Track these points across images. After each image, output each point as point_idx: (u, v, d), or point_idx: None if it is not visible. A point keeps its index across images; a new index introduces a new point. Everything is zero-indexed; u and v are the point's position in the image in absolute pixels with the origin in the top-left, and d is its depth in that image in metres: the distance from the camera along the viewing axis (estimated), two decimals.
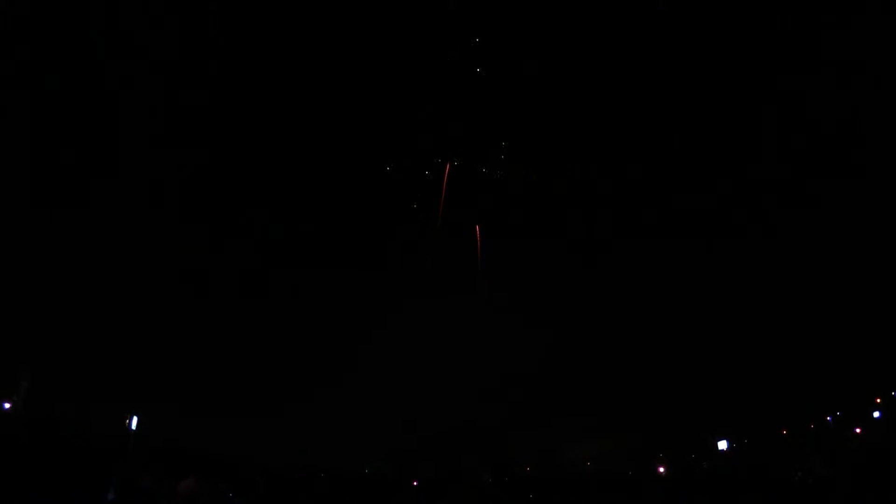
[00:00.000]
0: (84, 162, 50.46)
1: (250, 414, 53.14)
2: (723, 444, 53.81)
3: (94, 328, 49.51)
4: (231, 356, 53.82)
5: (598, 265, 55.78)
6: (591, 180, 55.51)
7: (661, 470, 51.69)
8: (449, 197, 54.85)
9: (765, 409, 53.84)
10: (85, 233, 50.13)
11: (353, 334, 56.05)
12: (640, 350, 57.66)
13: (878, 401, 51.02)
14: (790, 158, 54.80)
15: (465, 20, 51.64)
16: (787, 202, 56.29)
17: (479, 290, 54.76)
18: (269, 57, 52.98)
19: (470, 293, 54.70)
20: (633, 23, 52.30)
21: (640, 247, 58.29)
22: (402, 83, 52.67)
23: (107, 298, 51.27)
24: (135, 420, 38.55)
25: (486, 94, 53.04)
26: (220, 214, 54.97)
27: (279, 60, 53.18)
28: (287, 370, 55.63)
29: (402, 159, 54.03)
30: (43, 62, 47.07)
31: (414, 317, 53.95)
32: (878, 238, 51.81)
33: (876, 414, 50.50)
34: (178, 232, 53.67)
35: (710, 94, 54.86)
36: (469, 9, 51.19)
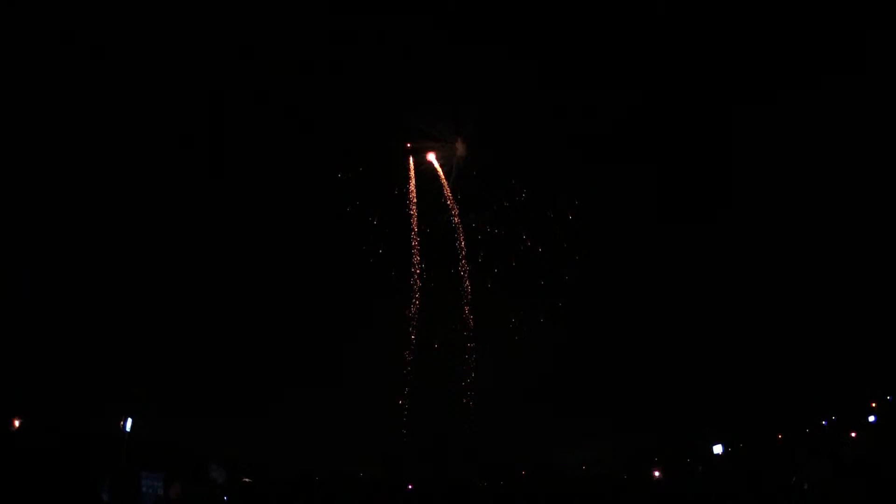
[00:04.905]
0: (81, 167, 50.56)
1: (246, 415, 53.13)
2: (718, 449, 53.84)
3: (90, 330, 49.52)
4: (227, 358, 53.86)
5: (594, 273, 55.75)
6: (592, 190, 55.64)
7: (657, 474, 51.62)
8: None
9: (760, 413, 53.97)
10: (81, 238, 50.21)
11: (351, 335, 56.14)
12: (636, 356, 57.82)
13: (874, 405, 51.17)
14: (789, 162, 55.08)
15: None
16: (784, 211, 56.64)
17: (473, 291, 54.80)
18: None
19: (464, 294, 54.73)
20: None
21: (638, 252, 58.55)
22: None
23: (103, 301, 51.34)
24: (129, 422, 38.42)
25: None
26: (211, 221, 55.10)
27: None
28: (283, 372, 55.72)
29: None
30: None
31: (407, 318, 54.02)
32: (873, 245, 52.04)
33: (871, 418, 50.62)
34: (172, 236, 53.86)
35: (710, 98, 55.16)
36: None
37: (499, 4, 53.15)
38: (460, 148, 53.55)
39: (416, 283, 53.90)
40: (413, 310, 53.54)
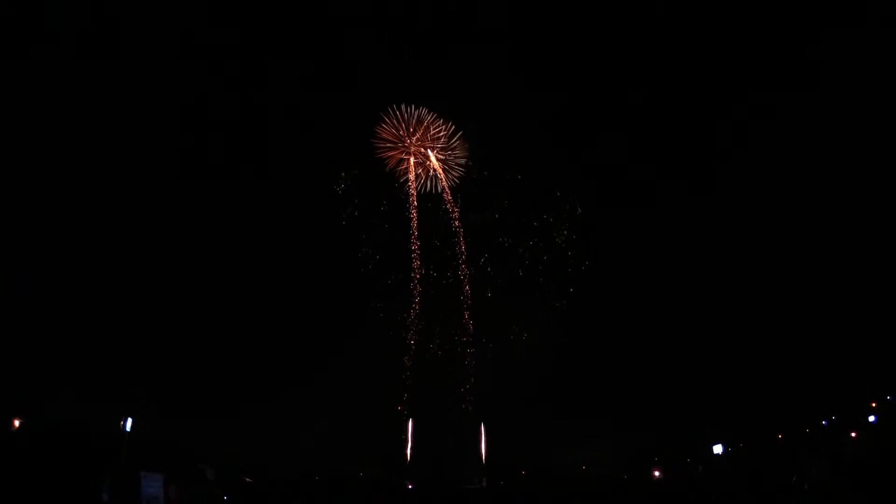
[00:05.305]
0: (81, 169, 50.57)
1: (246, 415, 53.10)
2: (718, 449, 53.79)
3: (90, 331, 49.50)
4: (228, 359, 53.83)
5: (594, 274, 55.73)
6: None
7: (657, 474, 51.58)
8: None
9: (760, 413, 53.93)
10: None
11: (351, 336, 56.12)
12: (637, 357, 57.82)
13: (874, 405, 51.14)
14: (790, 164, 55.12)
15: None
16: (785, 213, 56.65)
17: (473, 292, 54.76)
18: None
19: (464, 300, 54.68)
20: None
21: (637, 255, 58.59)
22: None
23: (103, 302, 51.34)
24: (129, 421, 38.38)
25: None
26: (212, 222, 55.14)
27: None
28: (283, 372, 55.66)
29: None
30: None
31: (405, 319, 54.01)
32: (873, 245, 52.06)
33: (871, 418, 50.59)
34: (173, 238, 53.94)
35: (711, 100, 55.24)
36: None
37: (500, 5, 53.31)
38: (461, 148, 53.54)
39: (416, 287, 53.84)
40: (413, 315, 53.53)
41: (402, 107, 52.41)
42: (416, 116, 52.60)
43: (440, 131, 53.04)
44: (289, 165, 55.47)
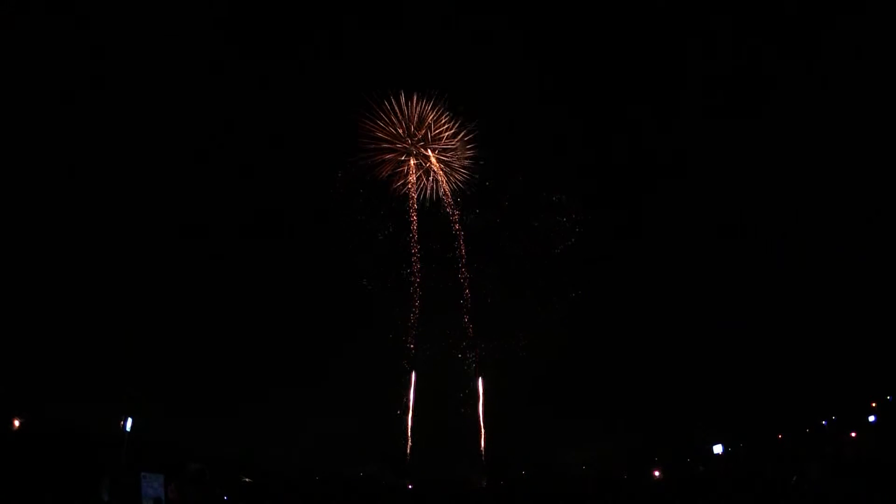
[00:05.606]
0: (80, 170, 50.62)
1: (246, 416, 53.11)
2: (718, 449, 53.83)
3: (91, 332, 49.55)
4: (226, 358, 53.83)
5: (595, 274, 55.69)
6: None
7: (657, 474, 51.63)
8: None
9: (760, 413, 53.93)
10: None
11: (350, 337, 56.10)
12: (637, 357, 57.78)
13: (874, 405, 51.13)
14: (790, 164, 55.14)
15: None
16: (783, 213, 56.67)
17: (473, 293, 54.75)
18: None
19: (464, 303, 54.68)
20: None
21: (637, 255, 58.60)
22: None
23: (104, 304, 51.37)
24: (129, 421, 38.39)
25: None
26: (209, 225, 55.17)
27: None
28: (284, 373, 55.67)
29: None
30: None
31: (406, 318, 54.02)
32: (872, 246, 52.06)
33: (871, 418, 50.61)
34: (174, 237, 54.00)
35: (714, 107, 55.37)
36: None
37: (502, 6, 53.26)
38: (463, 149, 53.31)
39: (417, 291, 53.72)
40: (413, 317, 53.45)
41: (402, 100, 51.40)
42: (417, 111, 51.70)
43: (442, 130, 52.40)
44: (288, 165, 55.34)
